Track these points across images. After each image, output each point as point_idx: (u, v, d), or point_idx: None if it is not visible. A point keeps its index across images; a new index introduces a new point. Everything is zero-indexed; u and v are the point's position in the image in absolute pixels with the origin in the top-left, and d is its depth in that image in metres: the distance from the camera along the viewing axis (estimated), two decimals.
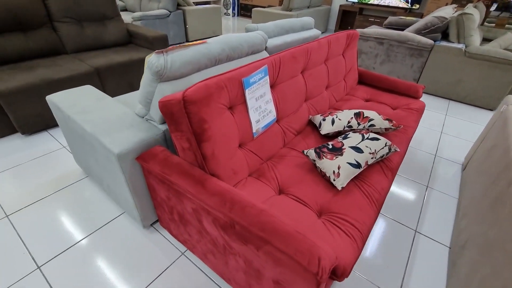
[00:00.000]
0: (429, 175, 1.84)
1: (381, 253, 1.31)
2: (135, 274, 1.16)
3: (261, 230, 0.78)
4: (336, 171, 1.08)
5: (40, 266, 1.17)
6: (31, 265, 1.17)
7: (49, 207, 1.45)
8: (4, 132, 1.95)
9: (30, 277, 1.13)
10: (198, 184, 0.91)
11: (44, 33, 2.32)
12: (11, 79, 1.88)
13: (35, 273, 1.14)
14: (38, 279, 1.12)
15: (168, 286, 1.12)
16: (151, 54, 1.00)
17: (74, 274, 1.15)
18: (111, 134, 1.09)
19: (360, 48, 3.36)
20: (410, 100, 1.87)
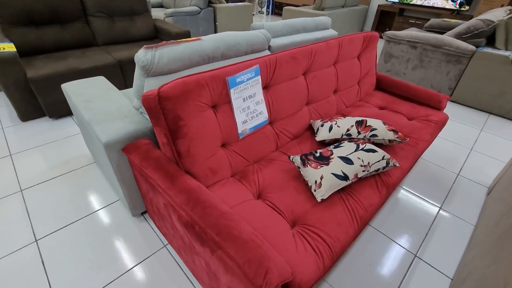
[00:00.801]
0: (446, 196, 1.65)
1: (370, 273, 1.21)
2: (117, 259, 1.21)
3: (216, 234, 0.76)
4: (318, 181, 1.01)
5: (37, 240, 1.28)
6: (30, 238, 1.28)
7: (57, 187, 1.58)
8: (34, 115, 2.16)
9: (26, 249, 1.23)
10: (169, 179, 0.92)
11: (79, 26, 2.52)
12: (43, 67, 2.07)
13: (32, 246, 1.25)
14: (33, 252, 1.23)
15: (145, 275, 1.16)
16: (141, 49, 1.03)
17: (64, 251, 1.24)
18: (103, 123, 1.15)
19: (391, 51, 3.13)
20: (430, 111, 1.69)
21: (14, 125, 2.10)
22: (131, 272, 1.17)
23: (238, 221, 0.81)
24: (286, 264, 0.74)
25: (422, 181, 1.75)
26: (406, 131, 1.50)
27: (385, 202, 1.16)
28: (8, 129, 2.05)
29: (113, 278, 1.14)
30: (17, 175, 1.65)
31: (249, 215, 0.94)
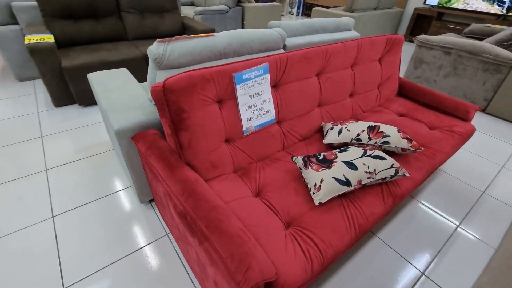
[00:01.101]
0: (466, 213, 1.53)
1: (370, 286, 1.15)
2: (121, 243, 1.27)
3: (205, 226, 0.77)
4: (318, 184, 0.99)
5: (54, 216, 1.38)
6: (48, 214, 1.39)
7: (78, 169, 1.69)
8: (66, 101, 2.33)
9: (43, 223, 1.34)
10: (168, 169, 0.94)
11: (112, 21, 2.68)
12: (77, 58, 2.23)
13: (48, 221, 1.35)
14: (48, 227, 1.33)
15: (144, 261, 1.20)
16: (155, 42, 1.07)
17: (76, 229, 1.32)
18: (117, 112, 1.21)
19: (422, 57, 2.96)
20: (456, 122, 1.58)
21: (48, 110, 2.29)
22: (132, 256, 1.22)
23: (228, 216, 0.81)
24: (271, 263, 0.73)
25: (442, 196, 1.63)
26: (425, 140, 1.41)
27: (389, 213, 1.10)
28: (42, 113, 2.23)
29: (115, 259, 1.20)
30: (45, 155, 1.79)
31: (243, 212, 0.94)
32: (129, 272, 1.15)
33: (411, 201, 1.59)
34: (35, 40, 2.07)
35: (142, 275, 1.14)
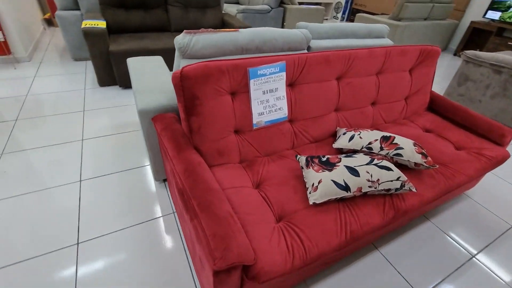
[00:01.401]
0: (486, 245, 1.41)
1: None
2: (132, 213, 1.39)
3: (197, 204, 0.83)
4: (315, 184, 0.99)
5: (81, 180, 1.56)
6: (77, 178, 1.57)
7: (109, 143, 1.87)
8: (109, 82, 2.58)
9: (71, 185, 1.52)
10: (176, 149, 1.02)
11: (159, 12, 2.89)
12: (123, 44, 2.45)
13: (75, 184, 1.53)
14: (75, 189, 1.50)
15: (145, 233, 1.30)
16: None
17: (98, 194, 1.48)
18: (144, 94, 1.33)
19: (468, 73, 2.74)
20: (488, 145, 1.46)
21: (93, 88, 2.55)
22: (139, 226, 1.33)
23: (221, 199, 0.86)
24: (251, 249, 0.77)
25: (462, 223, 1.52)
26: (446, 159, 1.33)
27: (388, 226, 1.06)
28: (88, 91, 2.50)
29: (124, 226, 1.32)
30: (84, 127, 2.01)
31: (238, 199, 0.98)
32: (134, 239, 1.26)
33: (425, 222, 1.50)
34: (90, 25, 2.32)
35: (144, 244, 1.24)
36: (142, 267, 1.16)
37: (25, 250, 1.18)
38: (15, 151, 1.73)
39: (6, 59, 2.80)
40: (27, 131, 1.91)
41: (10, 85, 2.47)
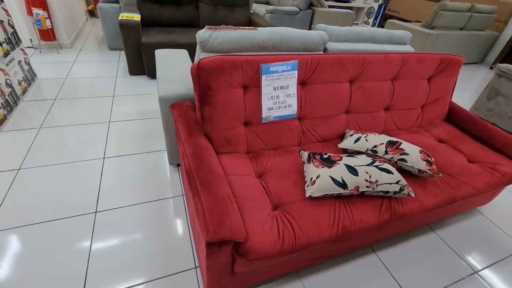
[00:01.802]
0: (492, 263, 1.37)
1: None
2: (144, 191, 1.51)
3: (200, 183, 0.91)
4: (313, 178, 1.04)
5: (105, 157, 1.71)
6: (101, 155, 1.73)
7: (132, 127, 2.02)
8: (138, 71, 2.76)
9: (95, 161, 1.67)
10: (188, 134, 1.12)
11: (190, 9, 3.04)
12: (154, 36, 2.61)
13: (99, 160, 1.68)
14: (98, 165, 1.65)
15: (155, 210, 1.42)
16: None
17: (118, 172, 1.62)
18: (165, 82, 1.44)
19: (499, 88, 2.60)
20: (504, 160, 1.41)
21: (124, 76, 2.74)
22: (148, 204, 1.44)
23: (221, 182, 0.94)
24: (243, 228, 0.84)
25: (469, 238, 1.48)
26: (455, 170, 1.31)
27: (382, 226, 1.06)
28: (119, 78, 2.69)
29: (137, 202, 1.44)
30: (112, 111, 2.18)
31: (239, 185, 1.05)
32: (145, 214, 1.38)
33: (429, 232, 1.48)
34: (126, 17, 2.51)
35: (153, 220, 1.36)
36: (149, 239, 1.27)
37: (50, 213, 1.33)
38: (51, 126, 1.93)
39: (51, 44, 3.09)
40: (63, 110, 2.12)
41: (52, 68, 2.72)
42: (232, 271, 0.94)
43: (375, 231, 1.07)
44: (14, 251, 1.16)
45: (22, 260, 1.13)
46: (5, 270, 1.09)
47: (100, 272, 1.12)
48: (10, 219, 1.29)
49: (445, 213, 1.43)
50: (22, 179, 1.50)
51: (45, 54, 2.99)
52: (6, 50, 2.00)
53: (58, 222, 1.30)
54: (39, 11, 2.74)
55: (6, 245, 1.18)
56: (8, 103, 1.94)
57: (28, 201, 1.38)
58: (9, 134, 1.81)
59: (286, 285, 1.17)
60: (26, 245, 1.19)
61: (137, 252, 1.21)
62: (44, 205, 1.37)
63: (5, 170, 1.54)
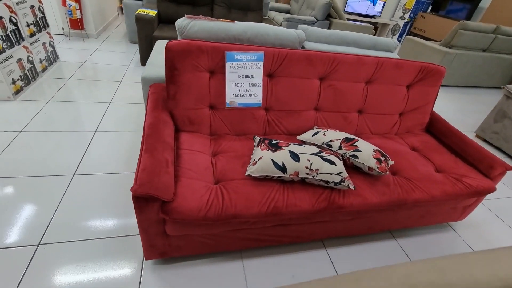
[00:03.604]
0: None
1: (285, 282, 1.17)
2: (122, 163, 1.64)
3: (145, 148, 1.01)
4: (256, 160, 1.10)
5: (96, 131, 1.88)
6: (94, 128, 1.90)
7: (129, 108, 2.19)
8: None
9: (86, 133, 1.84)
10: (153, 108, 1.23)
11: (205, 10, 3.23)
12: (166, 32, 2.82)
13: (90, 133, 1.85)
14: (87, 137, 1.82)
15: (126, 179, 1.53)
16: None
17: (105, 146, 1.77)
18: (152, 66, 1.58)
19: (507, 110, 2.48)
20: (474, 174, 1.36)
21: (135, 66, 2.97)
22: (124, 174, 1.57)
23: (166, 149, 1.03)
24: (172, 189, 0.92)
25: (431, 251, 1.43)
26: (414, 175, 1.29)
27: (316, 213, 1.06)
28: (130, 67, 2.92)
29: (113, 172, 1.57)
30: (115, 94, 2.38)
31: (188, 158, 1.13)
32: (116, 181, 1.50)
33: (390, 239, 1.46)
34: (142, 12, 2.74)
35: (121, 186, 1.47)
36: (113, 201, 1.38)
37: (36, 170, 1.50)
38: (59, 101, 2.15)
39: (79, 33, 3.42)
40: (73, 88, 2.35)
41: (76, 53, 3.02)
42: (165, 233, 1.02)
43: (309, 218, 1.10)
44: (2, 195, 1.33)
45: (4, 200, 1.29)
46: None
47: (62, 222, 1.25)
48: (1, 169, 1.46)
49: (408, 222, 1.41)
50: (21, 139, 1.69)
51: (73, 41, 3.32)
52: (32, 31, 2.28)
53: (38, 178, 1.45)
54: (71, 2, 3.06)
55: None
56: (27, 77, 2.19)
57: (20, 158, 1.56)
58: (22, 103, 2.04)
59: (227, 262, 1.21)
60: (6, 191, 1.35)
61: (99, 210, 1.32)
62: (32, 162, 1.54)
63: (9, 130, 1.75)
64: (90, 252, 1.16)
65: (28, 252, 1.12)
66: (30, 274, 1.05)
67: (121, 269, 1.12)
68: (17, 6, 2.05)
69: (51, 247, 1.16)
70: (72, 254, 1.14)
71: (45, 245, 1.16)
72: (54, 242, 1.18)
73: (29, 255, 1.11)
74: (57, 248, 1.15)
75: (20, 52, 2.11)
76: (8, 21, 1.96)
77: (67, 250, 1.15)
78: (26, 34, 2.18)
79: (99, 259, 1.14)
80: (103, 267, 1.11)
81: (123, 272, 1.11)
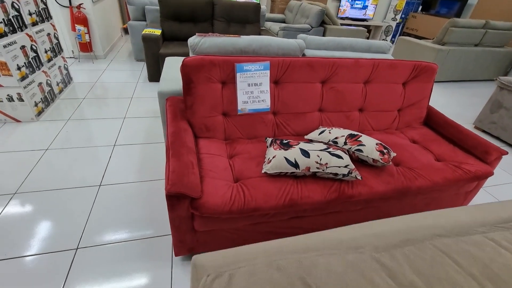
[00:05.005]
0: None
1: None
2: (143, 172, 1.76)
3: (171, 153, 1.13)
4: (270, 158, 1.21)
5: (115, 145, 2.00)
6: (112, 143, 2.03)
7: (142, 122, 2.33)
8: (156, 78, 3.13)
9: (106, 148, 1.97)
10: (173, 118, 1.35)
11: (205, 25, 3.42)
12: (171, 48, 2.98)
13: (109, 147, 1.98)
14: (108, 151, 1.95)
15: (148, 187, 1.65)
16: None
17: (121, 156, 1.89)
18: (166, 81, 1.71)
19: (501, 100, 2.59)
20: (472, 161, 1.46)
21: (143, 82, 3.13)
22: (146, 182, 1.68)
23: (190, 153, 1.15)
24: (199, 187, 1.04)
25: None
26: (416, 165, 1.40)
27: (329, 203, 1.17)
28: (139, 84, 3.08)
29: (137, 180, 1.69)
30: (128, 109, 2.52)
31: (209, 160, 1.25)
32: (140, 189, 1.61)
33: None
34: (148, 32, 2.91)
35: (145, 192, 1.59)
36: (139, 207, 1.49)
37: (63, 183, 1.62)
38: (77, 119, 2.29)
39: (88, 55, 3.61)
40: (89, 107, 2.50)
41: (86, 74, 3.19)
42: (193, 229, 1.13)
43: (322, 208, 1.20)
44: (32, 207, 1.44)
45: (36, 213, 1.41)
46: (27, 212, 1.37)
47: (95, 228, 1.36)
48: (34, 184, 1.59)
49: (413, 210, 1.50)
50: (48, 156, 1.83)
51: (83, 63, 3.50)
52: (49, 57, 2.44)
53: (68, 190, 1.58)
54: (80, 27, 3.26)
55: (30, 201, 1.47)
56: (46, 99, 2.35)
57: (49, 173, 1.68)
58: (43, 123, 2.19)
59: None
60: (41, 204, 1.47)
61: (127, 216, 1.44)
62: (60, 177, 1.67)
63: (36, 149, 1.88)
64: (123, 253, 1.27)
65: (68, 256, 1.23)
66: (72, 275, 1.16)
67: (153, 267, 1.22)
68: (37, 35, 2.23)
69: (88, 250, 1.27)
70: (106, 256, 1.25)
71: (83, 249, 1.27)
72: (90, 246, 1.29)
73: (69, 258, 1.22)
74: (93, 251, 1.26)
75: (40, 77, 2.26)
76: (30, 49, 2.13)
77: (102, 253, 1.26)
78: (44, 60, 2.35)
79: (132, 259, 1.25)
80: (137, 266, 1.22)
81: (155, 269, 1.21)
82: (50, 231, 1.34)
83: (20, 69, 2.01)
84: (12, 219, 1.38)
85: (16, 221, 1.37)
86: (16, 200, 1.48)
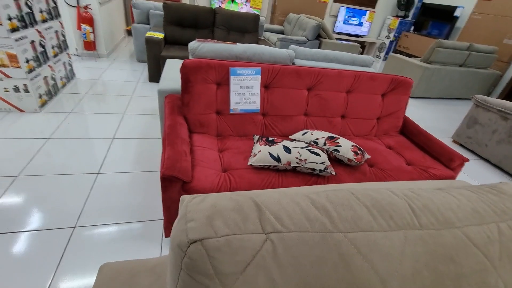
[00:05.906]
0: None
1: None
2: (139, 164, 1.88)
3: (167, 143, 1.27)
4: (256, 152, 1.36)
5: (113, 138, 2.13)
6: (111, 136, 2.15)
7: (141, 119, 2.46)
8: (156, 79, 3.28)
9: (105, 140, 2.09)
10: (170, 113, 1.49)
11: (206, 32, 3.60)
12: (172, 52, 3.15)
13: (108, 140, 2.10)
14: (107, 143, 2.07)
15: (144, 178, 1.77)
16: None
17: (120, 149, 2.02)
18: (166, 80, 1.86)
19: (477, 117, 2.79)
20: (438, 166, 1.63)
21: (144, 82, 3.27)
22: (141, 173, 1.81)
23: (183, 144, 1.29)
24: (190, 172, 1.17)
25: None
26: (387, 167, 1.55)
27: None
28: (139, 83, 3.22)
29: (131, 171, 1.81)
30: (128, 106, 2.65)
31: (201, 152, 1.39)
32: (137, 181, 1.74)
33: None
34: (151, 35, 3.08)
35: (142, 182, 1.71)
36: (134, 195, 1.61)
37: (64, 169, 1.74)
38: (78, 112, 2.41)
39: (92, 53, 3.75)
40: (89, 102, 2.62)
41: (89, 71, 3.32)
42: None
43: None
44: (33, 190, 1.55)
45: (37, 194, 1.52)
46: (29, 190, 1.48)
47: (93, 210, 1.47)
48: (36, 169, 1.70)
49: None
50: (49, 145, 1.94)
51: (86, 61, 3.64)
52: (55, 53, 2.58)
53: (68, 176, 1.69)
54: (86, 27, 3.41)
55: (31, 184, 1.58)
56: (50, 92, 2.47)
57: (50, 160, 1.79)
58: (46, 114, 2.30)
59: None
60: (42, 187, 1.58)
61: (123, 201, 1.55)
62: (60, 163, 1.78)
63: (39, 138, 2.00)
64: (117, 234, 1.38)
65: (66, 233, 1.34)
66: (69, 251, 1.27)
67: (144, 246, 1.34)
68: (45, 31, 2.37)
69: (85, 229, 1.38)
70: (102, 235, 1.36)
71: (80, 228, 1.38)
72: (87, 225, 1.40)
73: (67, 235, 1.33)
74: (90, 230, 1.37)
75: (46, 71, 2.39)
76: (38, 44, 2.26)
77: (98, 232, 1.37)
78: (51, 55, 2.48)
79: (125, 239, 1.36)
80: (129, 246, 1.33)
81: (146, 250, 1.33)
82: (50, 211, 1.44)
83: (28, 62, 2.14)
84: (14, 199, 1.48)
85: (18, 201, 1.48)
86: (18, 182, 1.59)
